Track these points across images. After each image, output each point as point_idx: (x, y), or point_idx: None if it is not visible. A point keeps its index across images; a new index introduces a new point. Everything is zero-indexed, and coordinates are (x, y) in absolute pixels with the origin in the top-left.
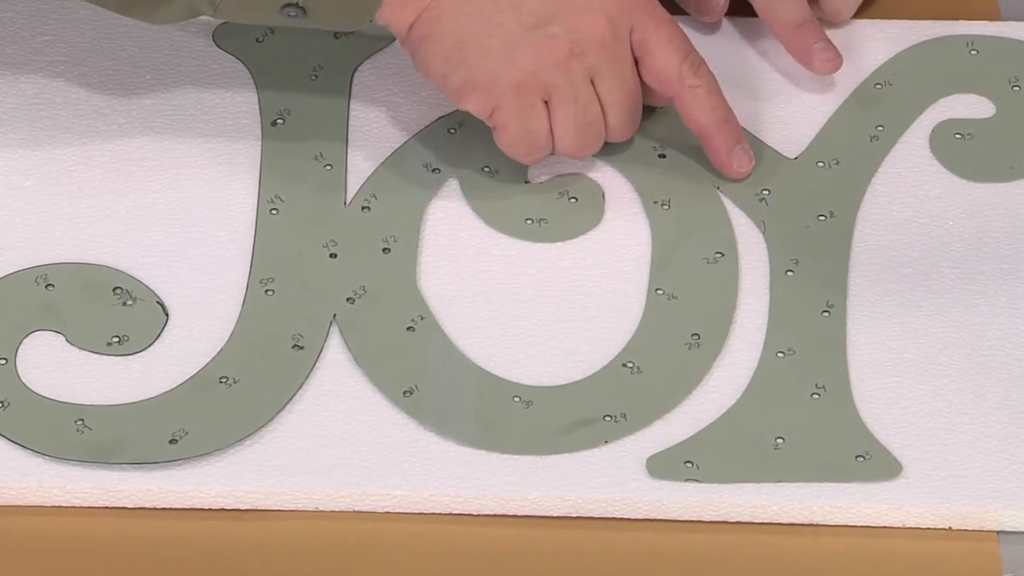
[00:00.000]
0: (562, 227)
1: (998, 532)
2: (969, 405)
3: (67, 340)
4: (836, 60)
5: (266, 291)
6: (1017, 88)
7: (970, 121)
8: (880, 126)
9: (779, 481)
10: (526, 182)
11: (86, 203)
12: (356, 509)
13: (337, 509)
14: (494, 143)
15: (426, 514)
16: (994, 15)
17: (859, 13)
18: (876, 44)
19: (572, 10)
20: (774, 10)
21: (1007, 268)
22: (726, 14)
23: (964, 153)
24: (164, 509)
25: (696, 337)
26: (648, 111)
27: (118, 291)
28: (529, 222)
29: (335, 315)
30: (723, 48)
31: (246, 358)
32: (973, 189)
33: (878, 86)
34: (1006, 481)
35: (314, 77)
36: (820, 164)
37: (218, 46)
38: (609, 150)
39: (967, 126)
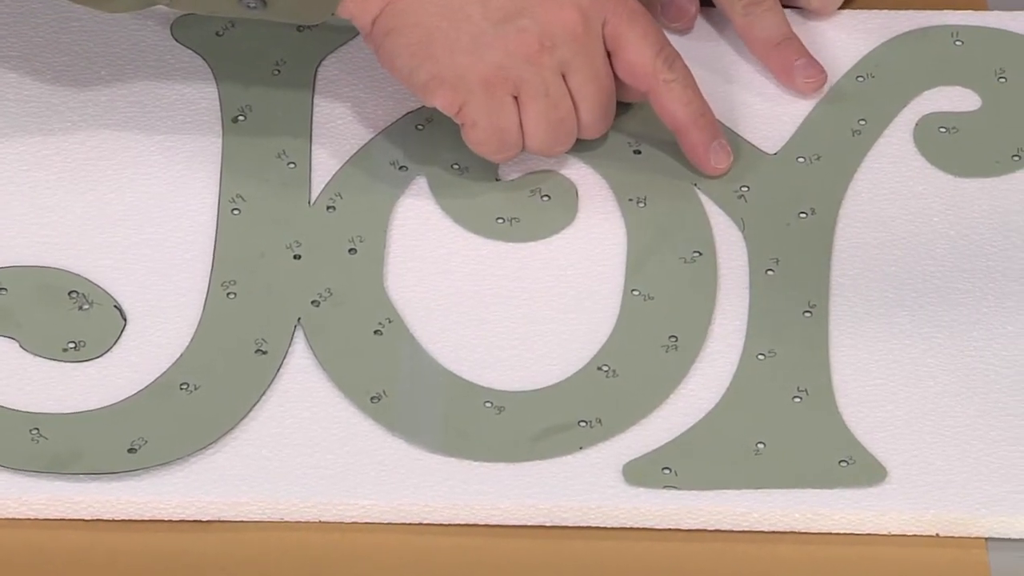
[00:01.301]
0: (534, 226)
1: (987, 539)
2: (956, 408)
3: (21, 346)
4: (819, 77)
5: (228, 294)
6: (1003, 80)
7: (955, 114)
8: (862, 120)
9: (760, 488)
10: (497, 180)
11: (40, 203)
12: (322, 519)
13: (303, 519)
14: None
15: (395, 524)
16: (980, 5)
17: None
18: (858, 35)
19: (542, 3)
20: (752, 28)
21: (993, 265)
22: (700, 4)
23: (949, 147)
24: (123, 521)
25: (673, 339)
26: (622, 106)
27: (74, 295)
28: (500, 221)
29: (300, 318)
30: (699, 41)
31: (207, 363)
32: (958, 184)
33: (860, 79)
34: (995, 486)
35: (276, 72)
36: (801, 160)
37: (176, 40)
38: (583, 146)
39: (952, 119)
